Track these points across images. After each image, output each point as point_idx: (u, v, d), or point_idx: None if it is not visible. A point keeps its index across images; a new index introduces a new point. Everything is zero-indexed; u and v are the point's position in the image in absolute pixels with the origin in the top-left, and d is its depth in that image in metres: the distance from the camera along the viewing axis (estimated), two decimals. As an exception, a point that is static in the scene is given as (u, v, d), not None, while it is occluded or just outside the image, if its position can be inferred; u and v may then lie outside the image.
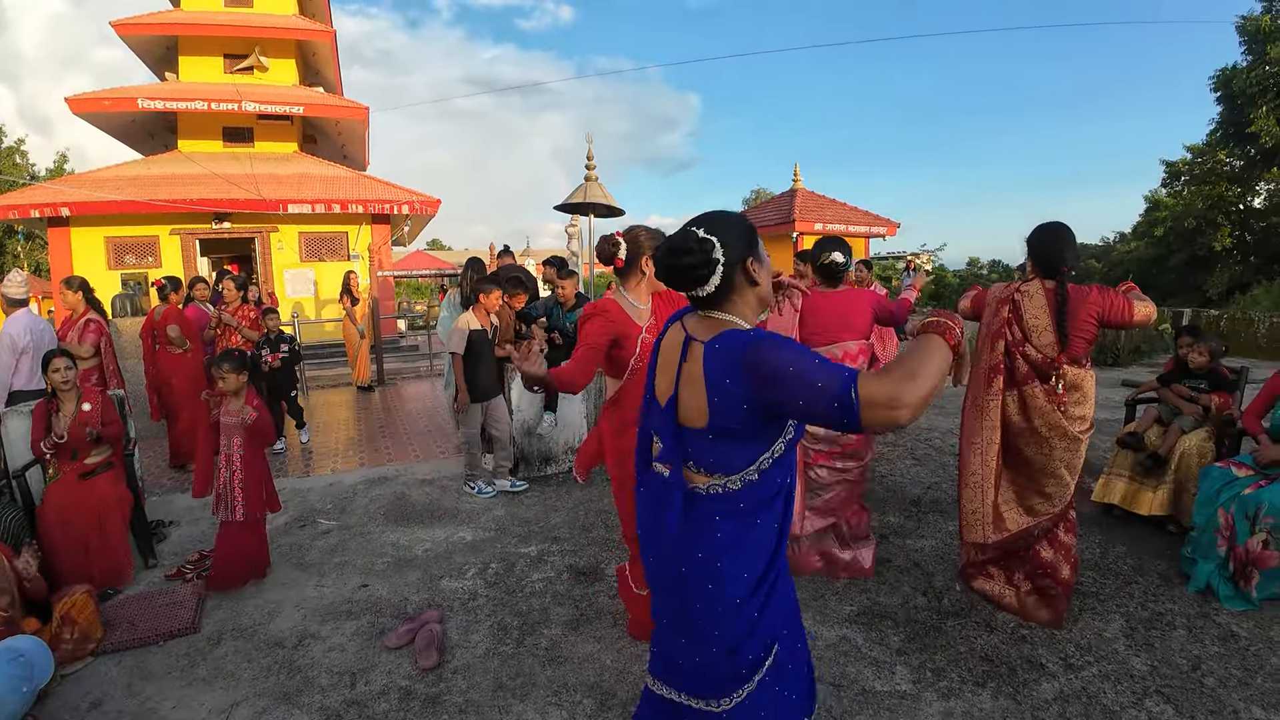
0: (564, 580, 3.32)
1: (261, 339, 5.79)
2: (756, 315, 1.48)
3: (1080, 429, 2.78)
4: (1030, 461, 2.85)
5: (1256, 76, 19.08)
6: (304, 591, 3.31)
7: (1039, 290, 2.82)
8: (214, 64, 15.15)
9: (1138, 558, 3.45)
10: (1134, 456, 3.83)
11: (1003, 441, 2.88)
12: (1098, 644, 2.69)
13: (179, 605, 3.11)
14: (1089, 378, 2.82)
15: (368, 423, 7.08)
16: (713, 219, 1.43)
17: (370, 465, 5.38)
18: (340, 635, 2.89)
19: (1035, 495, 2.86)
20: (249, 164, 13.96)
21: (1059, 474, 2.79)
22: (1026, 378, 2.80)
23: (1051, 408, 2.75)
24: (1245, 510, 2.99)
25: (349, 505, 4.49)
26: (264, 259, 13.76)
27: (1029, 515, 2.86)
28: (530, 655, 2.69)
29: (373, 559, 3.66)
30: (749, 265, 1.42)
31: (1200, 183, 21.28)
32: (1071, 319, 2.71)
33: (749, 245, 1.42)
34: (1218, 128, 21.25)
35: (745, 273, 1.42)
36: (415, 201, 14.07)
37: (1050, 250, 2.80)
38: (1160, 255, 22.58)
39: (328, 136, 17.27)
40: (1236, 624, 2.82)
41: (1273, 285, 17.82)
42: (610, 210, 7.92)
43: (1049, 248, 2.81)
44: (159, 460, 5.64)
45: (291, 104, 14.57)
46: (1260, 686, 2.41)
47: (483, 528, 4.05)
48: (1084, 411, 2.80)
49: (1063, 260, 2.78)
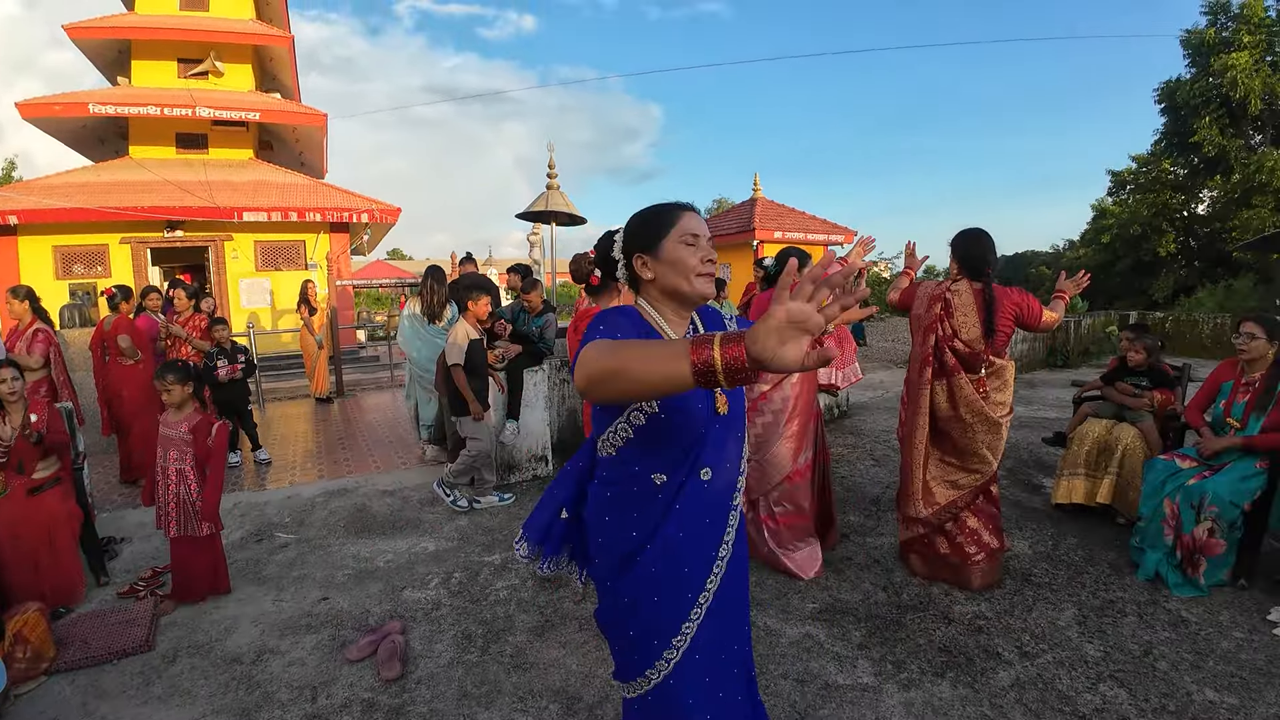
0: (528, 587, 3.30)
1: (214, 350, 5.63)
2: (668, 305, 1.44)
3: (1001, 414, 3.07)
4: (956, 443, 3.12)
5: (1200, 88, 19.96)
6: (262, 606, 3.22)
7: (967, 290, 3.09)
8: (168, 68, 14.75)
9: (1088, 549, 3.56)
10: (1072, 450, 4.01)
11: (931, 425, 3.17)
12: (1051, 632, 2.76)
13: (133, 623, 3.02)
14: (1009, 367, 3.14)
15: (327, 434, 6.94)
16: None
17: (330, 477, 5.27)
18: (300, 649, 2.83)
19: (960, 472, 3.16)
20: (203, 171, 13.62)
21: (982, 454, 3.08)
22: (955, 369, 3.06)
23: (977, 396, 3.03)
24: (1190, 500, 3.11)
25: (308, 518, 4.40)
26: (218, 268, 13.40)
27: (954, 490, 3.15)
28: (495, 663, 2.66)
29: (333, 571, 3.58)
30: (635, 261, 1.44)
31: (1145, 191, 22.17)
32: (997, 317, 3.01)
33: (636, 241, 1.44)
34: (1162, 138, 22.18)
35: (629, 267, 1.46)
36: (375, 210, 13.87)
37: (974, 254, 3.08)
38: (1108, 261, 23.43)
39: (285, 143, 16.94)
40: (1186, 610, 2.93)
41: (1215, 288, 18.60)
42: (572, 219, 7.94)
43: (973, 252, 3.09)
44: (109, 476, 5.45)
45: (247, 110, 14.25)
46: (1212, 669, 2.50)
47: (446, 537, 4.00)
48: (1004, 398, 3.11)
49: (986, 263, 3.08)
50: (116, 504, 4.81)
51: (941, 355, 3.09)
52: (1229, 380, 3.42)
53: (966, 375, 3.05)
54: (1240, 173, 19.04)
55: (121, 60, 14.88)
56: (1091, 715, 2.24)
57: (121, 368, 5.29)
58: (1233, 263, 19.95)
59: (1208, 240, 21.20)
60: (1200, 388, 3.61)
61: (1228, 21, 19.70)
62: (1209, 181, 20.66)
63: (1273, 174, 18.16)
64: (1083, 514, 3.96)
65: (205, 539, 3.26)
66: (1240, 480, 3.10)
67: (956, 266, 3.17)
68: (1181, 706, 2.28)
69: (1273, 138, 19.40)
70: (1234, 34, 19.18)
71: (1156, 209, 21.50)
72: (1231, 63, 18.52)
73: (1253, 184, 18.69)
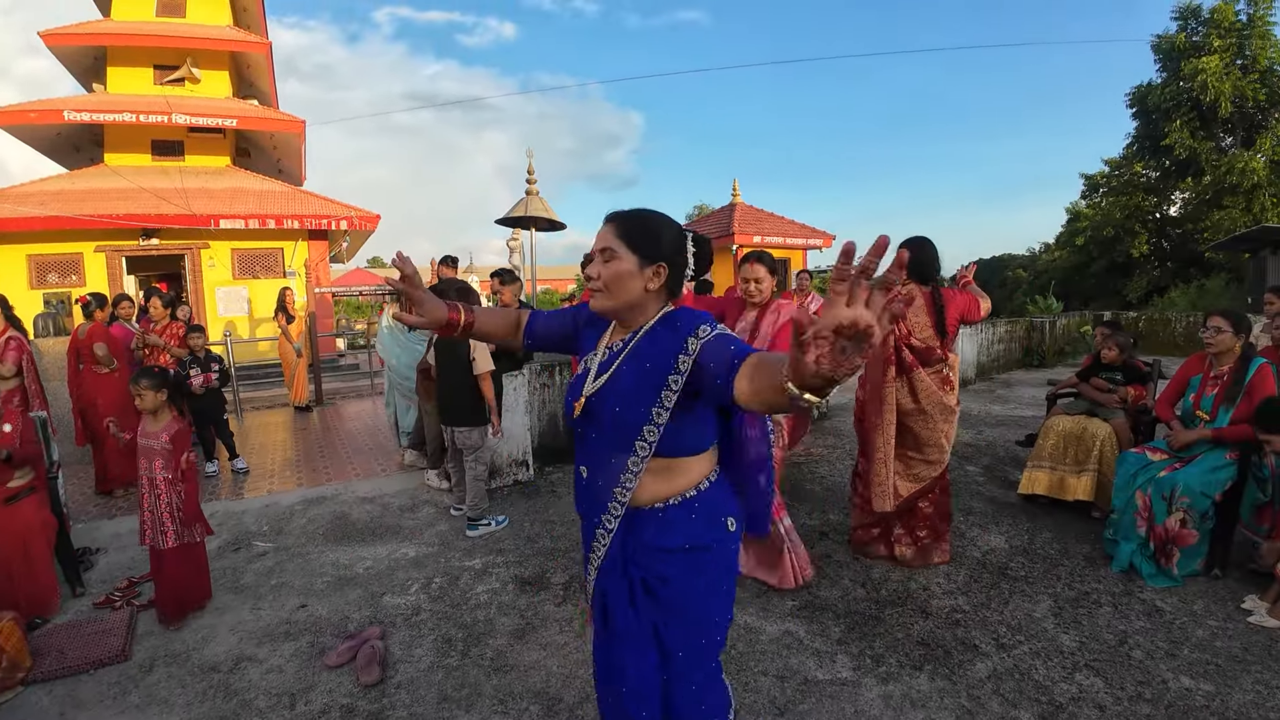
0: (509, 591, 3.29)
1: (188, 359, 5.55)
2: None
3: (953, 402, 3.33)
4: (918, 436, 3.31)
5: (1170, 92, 20.36)
6: (239, 615, 3.18)
7: (918, 293, 3.31)
8: (144, 75, 14.61)
9: (1063, 542, 3.61)
10: (1039, 443, 4.14)
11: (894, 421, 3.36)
12: (1028, 624, 2.80)
13: (109, 633, 2.98)
14: (956, 359, 3.62)
15: (305, 443, 6.86)
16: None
17: (309, 485, 5.21)
18: (278, 657, 2.80)
19: (921, 464, 3.34)
20: (179, 178, 13.47)
21: (940, 443, 3.30)
22: (912, 365, 3.28)
23: (936, 388, 3.27)
24: (1161, 492, 3.17)
25: (286, 526, 4.35)
26: (194, 276, 13.25)
27: (916, 482, 3.34)
28: (475, 666, 2.65)
29: (312, 579, 3.54)
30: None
31: (1118, 194, 22.57)
32: (947, 317, 3.27)
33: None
34: (1134, 142, 22.59)
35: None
36: (354, 217, 13.77)
37: (922, 261, 3.28)
38: (1082, 263, 23.82)
39: (262, 150, 16.81)
40: (1160, 600, 2.97)
41: (1188, 287, 18.96)
42: (552, 224, 7.94)
43: (922, 258, 3.28)
44: (85, 486, 5.35)
45: (224, 116, 14.13)
46: (1187, 657, 2.54)
47: (426, 543, 3.97)
48: (954, 388, 3.42)
49: (934, 269, 3.35)
50: (92, 515, 4.73)
51: (900, 354, 3.28)
52: (1197, 374, 3.49)
53: (924, 370, 3.28)
54: (1211, 174, 19.43)
55: (97, 67, 14.72)
56: (1068, 704, 2.27)
57: (96, 377, 5.21)
58: (1205, 263, 20.34)
59: (1180, 241, 21.61)
60: (1169, 382, 3.68)
61: (1198, 26, 20.11)
62: (1180, 183, 21.07)
63: (1243, 175, 18.55)
64: (1058, 508, 4.01)
65: (198, 545, 3.21)
66: (1210, 471, 3.16)
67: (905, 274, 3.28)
68: (1157, 694, 2.32)
69: (1243, 139, 19.80)
70: (1204, 38, 19.59)
71: (1129, 211, 21.90)
72: (1202, 66, 18.89)
73: (1223, 185, 19.08)
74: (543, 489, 4.94)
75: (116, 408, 5.12)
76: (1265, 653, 2.56)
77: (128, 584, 3.52)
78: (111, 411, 5.10)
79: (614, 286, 1.42)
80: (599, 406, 1.45)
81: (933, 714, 2.25)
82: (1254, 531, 3.30)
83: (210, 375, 5.52)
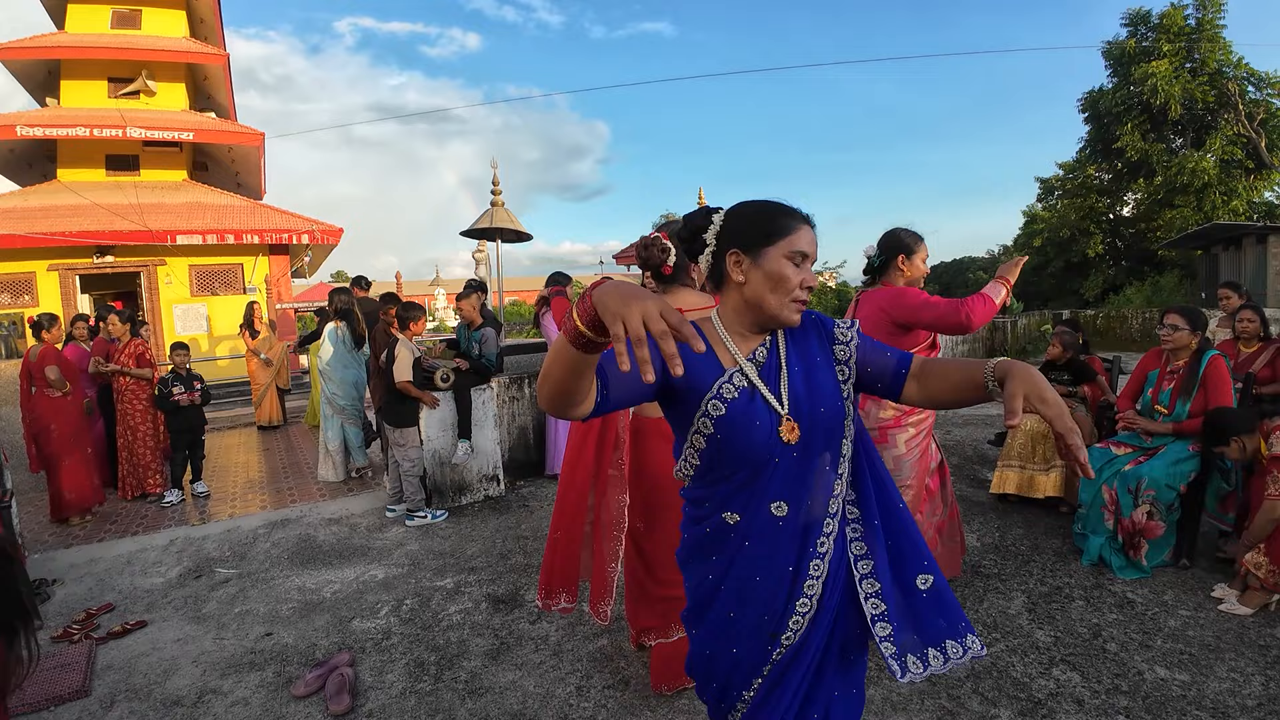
0: (482, 610, 3.21)
1: (171, 376, 5.38)
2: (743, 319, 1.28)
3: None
4: None
5: (1122, 96, 20.98)
6: (202, 645, 3.06)
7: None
8: (98, 88, 14.19)
9: (1033, 538, 3.66)
10: (1007, 443, 4.18)
11: None
12: (1003, 621, 2.81)
13: (67, 668, 2.86)
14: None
15: (268, 463, 6.68)
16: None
17: (273, 508, 5.06)
18: (244, 688, 2.69)
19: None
20: (134, 193, 13.10)
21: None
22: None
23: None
24: (1127, 485, 3.22)
25: (249, 551, 4.21)
26: (151, 294, 12.87)
27: None
28: (449, 690, 2.57)
29: (277, 605, 3.43)
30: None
31: (1073, 196, 23.17)
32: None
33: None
34: (1087, 145, 23.23)
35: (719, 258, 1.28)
36: (315, 230, 13.52)
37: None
38: (1040, 264, 24.38)
39: (220, 164, 16.44)
40: (1131, 591, 3.02)
41: (1143, 285, 19.51)
42: (518, 235, 7.88)
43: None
44: (39, 515, 5.13)
45: (180, 129, 13.79)
46: (1161, 647, 2.57)
47: (395, 564, 3.88)
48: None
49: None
50: (48, 544, 4.52)
51: None
52: (1155, 369, 3.56)
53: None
54: (1162, 175, 20.04)
55: (51, 81, 14.31)
56: (1046, 700, 2.28)
57: (49, 400, 4.99)
58: (1158, 260, 20.98)
59: (1133, 240, 22.25)
60: (1129, 378, 3.76)
61: (1148, 32, 20.74)
62: (1133, 185, 21.69)
63: (1194, 175, 19.17)
64: (1027, 505, 4.07)
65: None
66: (1174, 464, 3.22)
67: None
68: (1134, 686, 2.34)
69: (1193, 140, 20.46)
70: (1154, 43, 20.20)
71: (1084, 213, 22.51)
72: (1152, 71, 19.49)
73: (1174, 185, 19.69)
74: (514, 504, 4.86)
75: (71, 432, 4.93)
76: (1238, 640, 2.60)
77: (86, 616, 3.39)
78: (66, 436, 4.91)
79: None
80: (808, 426, 1.21)
81: (913, 715, 2.24)
82: (1220, 520, 3.38)
83: (194, 394, 5.37)
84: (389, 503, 4.80)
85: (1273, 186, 19.88)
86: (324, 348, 5.64)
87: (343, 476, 5.71)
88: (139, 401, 5.41)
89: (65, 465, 4.91)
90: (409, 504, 4.61)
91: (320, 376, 5.76)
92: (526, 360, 6.05)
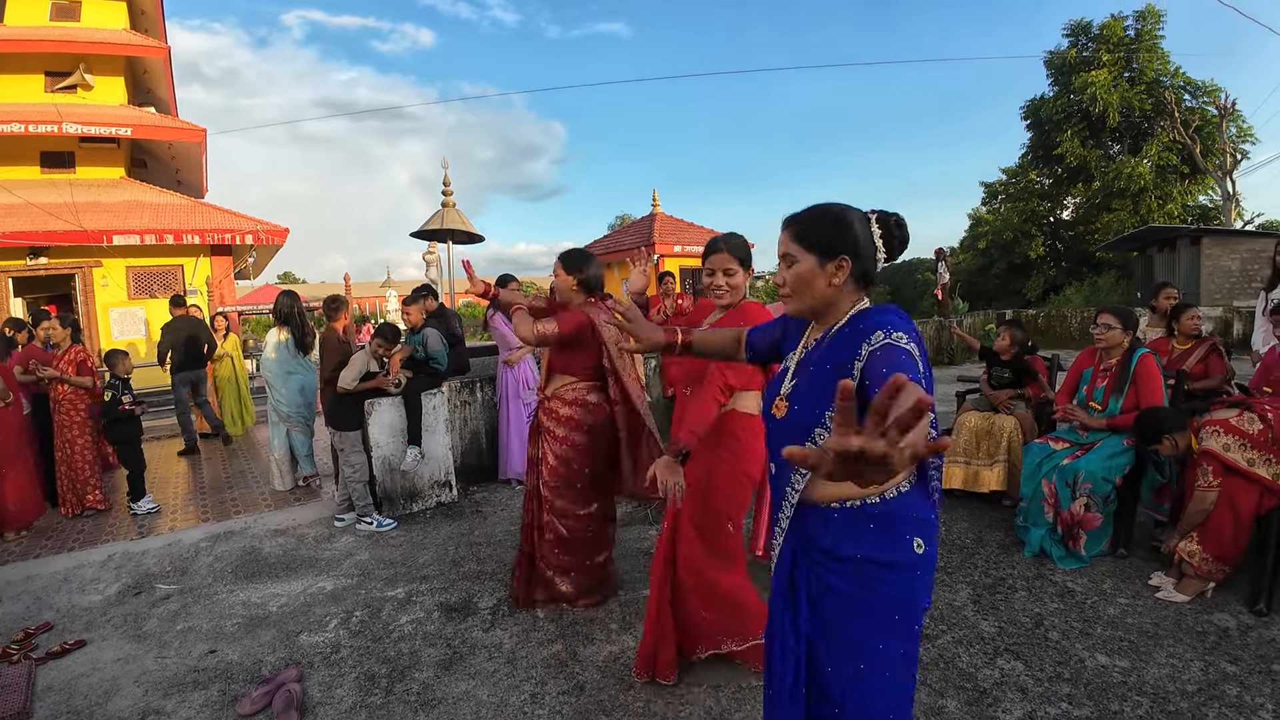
0: (434, 620, 3.15)
1: (117, 381, 5.10)
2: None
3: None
4: None
5: (1062, 104, 21.82)
6: (144, 664, 2.93)
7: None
8: (34, 82, 13.48)
9: (977, 531, 3.77)
10: (955, 441, 4.25)
11: None
12: (949, 613, 2.89)
13: (8, 689, 2.72)
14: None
15: (211, 473, 6.44)
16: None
17: (215, 520, 4.87)
18: (188, 708, 2.58)
19: None
20: (69, 192, 12.48)
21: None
22: None
23: None
24: (1065, 479, 3.34)
25: (191, 566, 4.05)
26: (86, 297, 12.28)
27: None
28: (401, 703, 2.52)
29: (221, 621, 3.31)
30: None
31: (1015, 200, 24.04)
32: None
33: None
34: (1028, 151, 24.11)
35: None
36: (260, 230, 13.04)
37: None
38: (984, 265, 25.25)
39: (160, 161, 15.81)
40: (1071, 581, 3.13)
41: (1082, 285, 20.32)
42: (470, 236, 7.75)
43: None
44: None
45: (118, 125, 13.19)
46: (1100, 635, 2.66)
47: (345, 575, 3.78)
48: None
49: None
50: (-23, 564, 4.27)
51: None
52: (1089, 367, 3.70)
53: None
54: (1100, 180, 20.91)
55: (-14, 75, 13.54)
56: (991, 689, 2.34)
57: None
58: (1096, 261, 21.89)
59: (1073, 242, 23.17)
60: (1066, 375, 3.90)
61: (1088, 42, 21.61)
62: (1072, 189, 22.61)
63: (1130, 180, 20.05)
64: (972, 499, 4.18)
65: None
66: (1109, 458, 3.35)
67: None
68: (1076, 673, 2.41)
69: (1130, 146, 21.38)
70: (1094, 53, 21.06)
71: (1026, 216, 23.38)
72: (1091, 80, 20.31)
73: (1112, 190, 20.57)
74: (467, 510, 4.79)
75: (12, 444, 4.65)
76: (1175, 626, 2.71)
77: (24, 636, 3.22)
78: (7, 448, 4.63)
79: (799, 289, 1.45)
80: (789, 404, 1.47)
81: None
82: (1155, 511, 3.53)
83: (138, 405, 5.15)
84: (338, 511, 4.66)
85: (1206, 191, 20.93)
86: (266, 353, 5.46)
87: (289, 485, 5.54)
88: (77, 413, 5.13)
89: (9, 479, 4.63)
90: (358, 509, 4.54)
91: (266, 384, 5.57)
92: (479, 364, 5.95)
